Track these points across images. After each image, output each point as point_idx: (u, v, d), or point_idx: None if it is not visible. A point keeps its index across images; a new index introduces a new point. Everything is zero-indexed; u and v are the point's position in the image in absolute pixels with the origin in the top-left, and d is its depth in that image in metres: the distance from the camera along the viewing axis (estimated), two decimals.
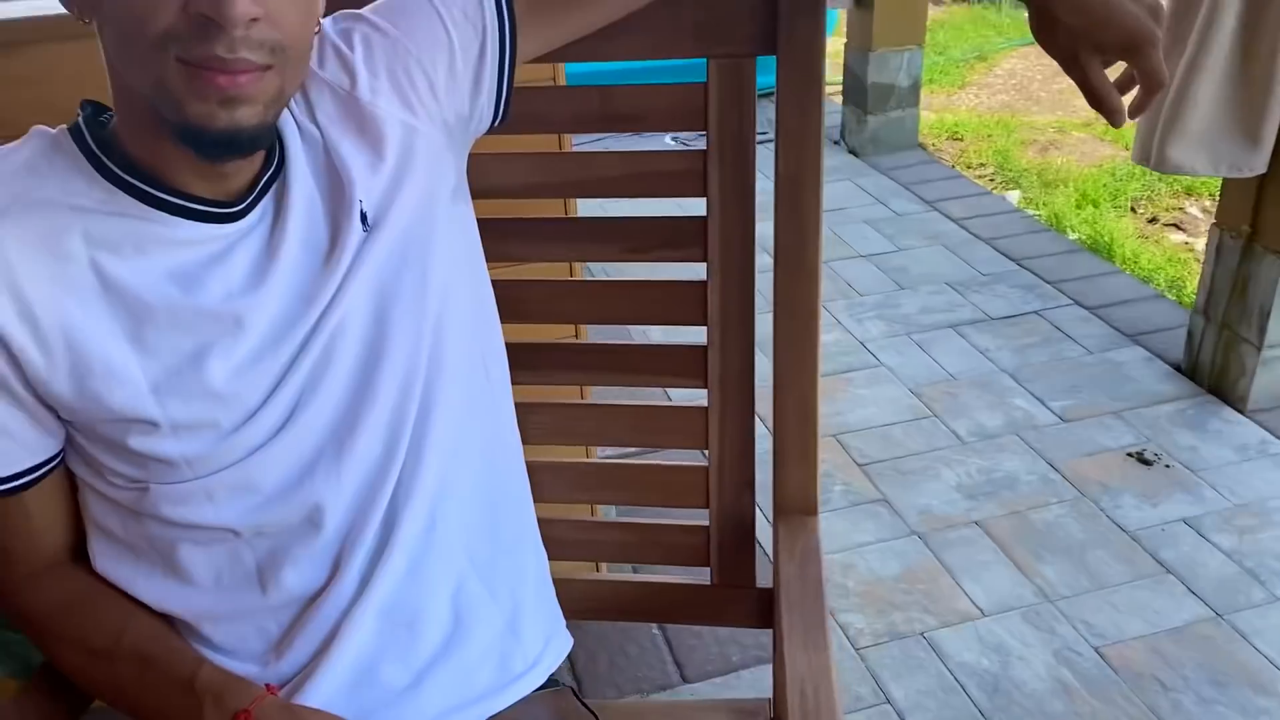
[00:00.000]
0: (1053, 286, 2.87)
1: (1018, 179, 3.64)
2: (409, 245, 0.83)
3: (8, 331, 0.72)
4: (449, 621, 0.88)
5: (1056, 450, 2.24)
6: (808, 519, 1.04)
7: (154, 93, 0.70)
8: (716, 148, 1.00)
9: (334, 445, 0.81)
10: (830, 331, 2.72)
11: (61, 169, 0.75)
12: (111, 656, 0.81)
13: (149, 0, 0.67)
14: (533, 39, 0.90)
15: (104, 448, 0.79)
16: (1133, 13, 0.82)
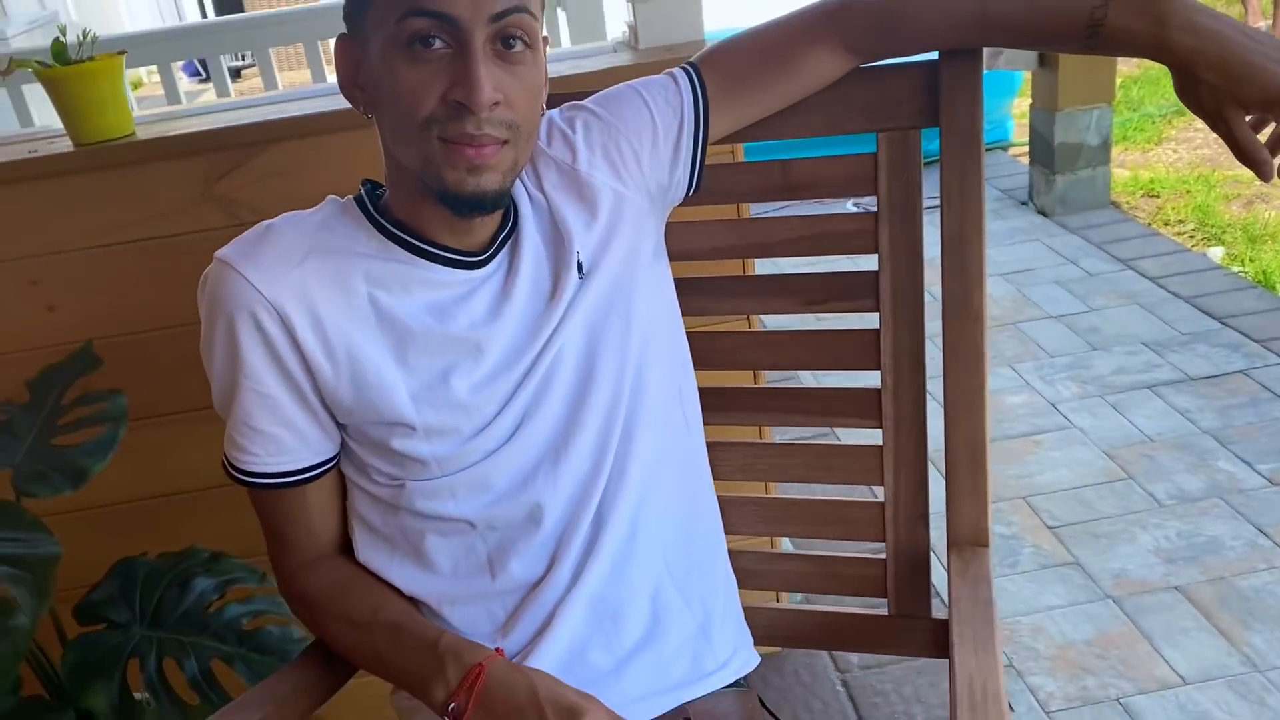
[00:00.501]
0: (1260, 345, 2.74)
1: (1220, 235, 3.49)
2: (616, 293, 0.99)
3: (308, 348, 0.91)
4: (648, 618, 1.00)
5: (1265, 514, 2.13)
6: (979, 550, 1.10)
7: (420, 165, 0.88)
8: (886, 209, 1.10)
9: (552, 455, 0.96)
10: (1019, 393, 2.68)
11: (349, 226, 0.95)
12: (370, 627, 0.96)
13: (417, 92, 0.85)
14: (722, 120, 1.04)
15: (371, 449, 0.97)
16: (1272, 70, 0.87)
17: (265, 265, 0.90)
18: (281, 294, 0.89)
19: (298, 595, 1.03)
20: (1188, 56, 0.90)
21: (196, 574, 1.35)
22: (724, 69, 1.04)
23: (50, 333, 1.56)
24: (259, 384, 0.92)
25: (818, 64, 1.03)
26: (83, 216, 1.53)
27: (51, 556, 1.18)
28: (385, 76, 0.86)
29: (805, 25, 1.03)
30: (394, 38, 0.84)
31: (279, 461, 0.96)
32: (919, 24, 1.00)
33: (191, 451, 1.62)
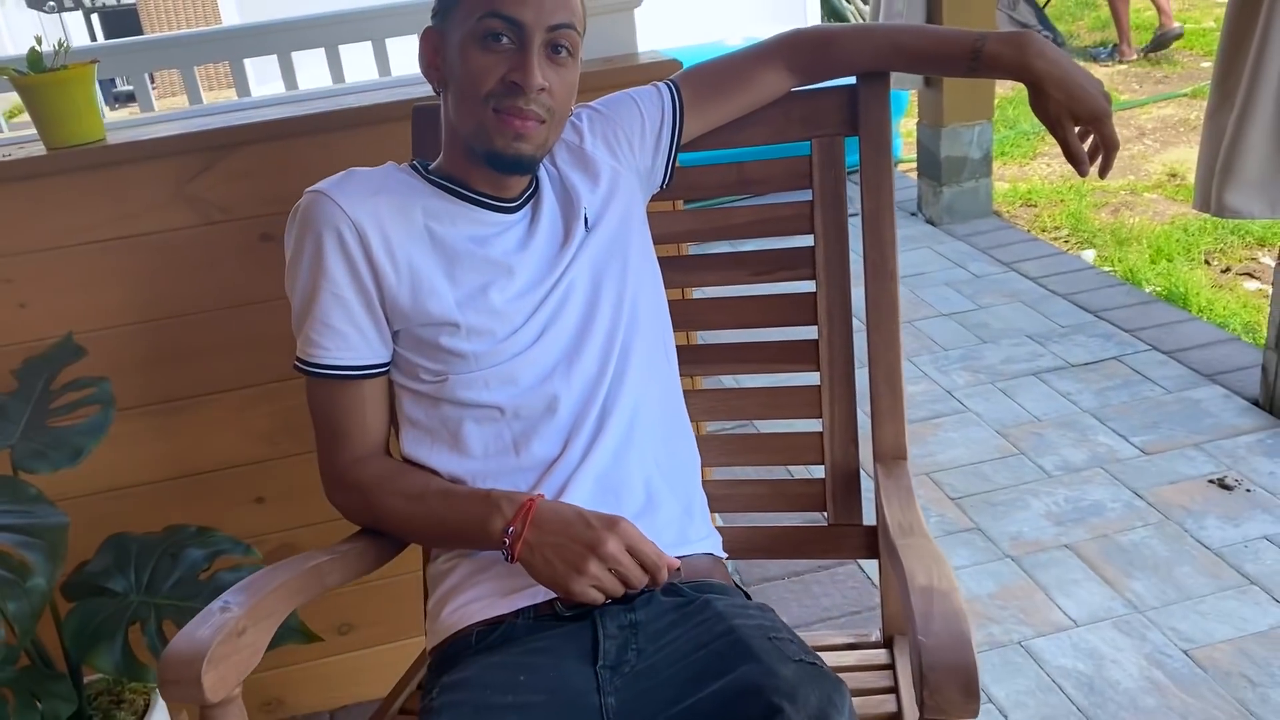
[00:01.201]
0: (1130, 334, 3.02)
1: (1092, 239, 3.81)
2: (615, 244, 1.24)
3: (378, 260, 1.13)
4: (643, 497, 1.19)
5: (1140, 480, 2.38)
6: (900, 461, 1.34)
7: (474, 131, 1.13)
8: (819, 198, 1.40)
9: (566, 360, 1.19)
10: (918, 383, 2.90)
11: (406, 178, 1.21)
12: (424, 497, 1.15)
13: (485, 72, 1.10)
14: (694, 122, 1.34)
15: (420, 350, 1.17)
16: (1096, 95, 1.23)
17: (350, 194, 1.14)
18: (362, 215, 1.13)
19: (352, 483, 1.19)
20: (1042, 76, 1.23)
21: (186, 546, 1.44)
22: (696, 83, 1.33)
23: (22, 329, 1.62)
24: (337, 287, 1.13)
25: (768, 82, 1.34)
26: (55, 217, 1.60)
27: (60, 525, 1.26)
28: (460, 59, 1.11)
29: (760, 52, 1.34)
30: (473, 31, 1.10)
31: (347, 356, 1.15)
32: (848, 53, 1.32)
33: (170, 440, 1.70)
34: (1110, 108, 1.24)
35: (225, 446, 1.74)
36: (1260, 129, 2.25)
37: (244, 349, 1.70)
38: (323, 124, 1.63)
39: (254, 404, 1.73)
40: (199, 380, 1.69)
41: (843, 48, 1.32)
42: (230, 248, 1.66)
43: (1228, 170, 2.30)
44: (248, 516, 1.78)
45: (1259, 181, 2.28)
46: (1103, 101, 1.24)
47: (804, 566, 2.23)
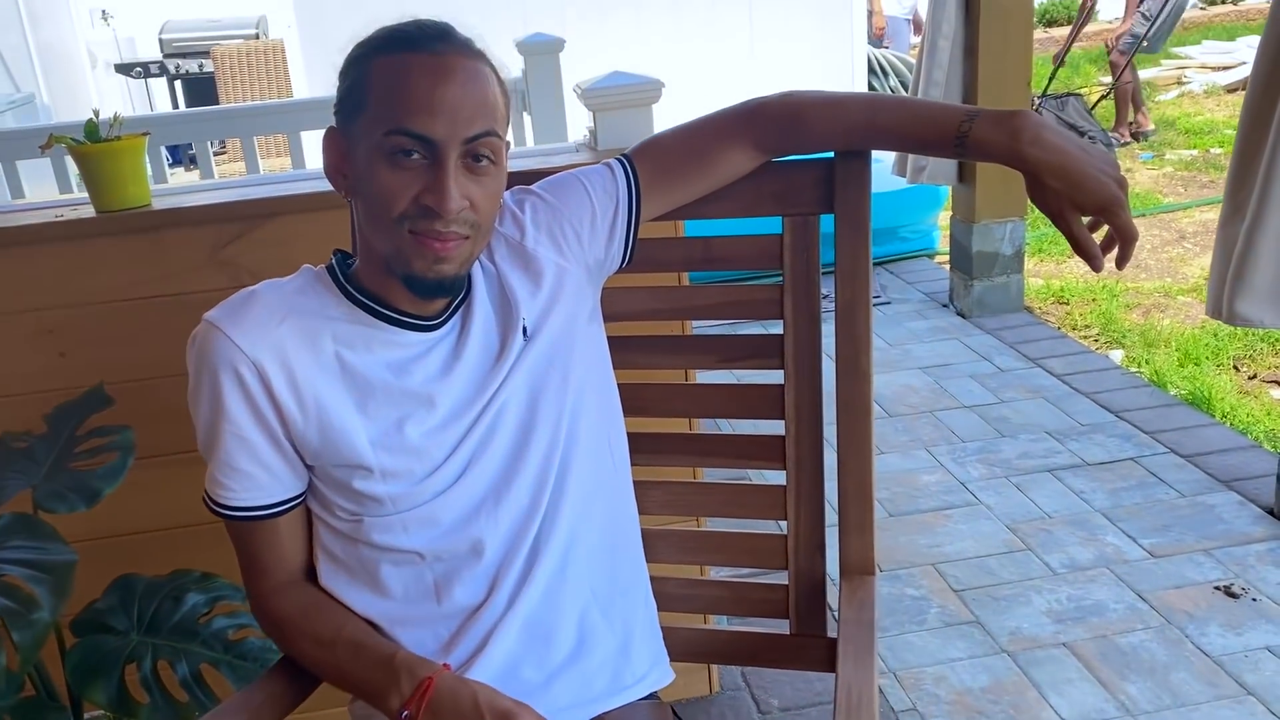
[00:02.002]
0: (1150, 436, 3.02)
1: (1121, 339, 3.82)
2: (556, 352, 1.15)
3: (282, 399, 1.06)
4: (575, 639, 1.15)
5: (1145, 582, 2.37)
6: (866, 578, 1.28)
7: (391, 252, 1.04)
8: (790, 281, 1.30)
9: (493, 495, 1.11)
10: (933, 472, 2.93)
11: (321, 292, 1.11)
12: (334, 645, 1.10)
13: (394, 192, 1.01)
14: (652, 205, 1.22)
15: (334, 488, 1.11)
16: (1102, 180, 1.07)
17: (247, 327, 1.05)
18: (260, 352, 1.05)
19: (270, 617, 1.15)
20: (1035, 165, 1.09)
21: (189, 590, 1.52)
22: (654, 162, 1.21)
23: (59, 376, 1.74)
24: (239, 429, 1.06)
25: (733, 160, 1.23)
26: (100, 275, 1.73)
27: (68, 562, 1.35)
28: (368, 174, 1.01)
29: (724, 126, 1.22)
30: (379, 146, 1.00)
31: (254, 496, 1.10)
32: (819, 129, 1.20)
33: (186, 489, 1.79)
34: (1122, 195, 1.08)
35: None
36: (1271, 239, 2.28)
37: None
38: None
39: None
40: None
41: (813, 124, 1.20)
42: None
43: (1239, 279, 2.33)
44: None
45: (1270, 291, 2.31)
46: (1113, 188, 1.07)
47: None
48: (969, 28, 3.76)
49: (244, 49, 6.84)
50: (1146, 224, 5.16)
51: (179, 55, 8.30)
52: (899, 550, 2.58)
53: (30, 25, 8.13)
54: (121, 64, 8.75)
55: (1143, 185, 5.76)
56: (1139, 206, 5.37)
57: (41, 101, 7.03)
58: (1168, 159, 6.22)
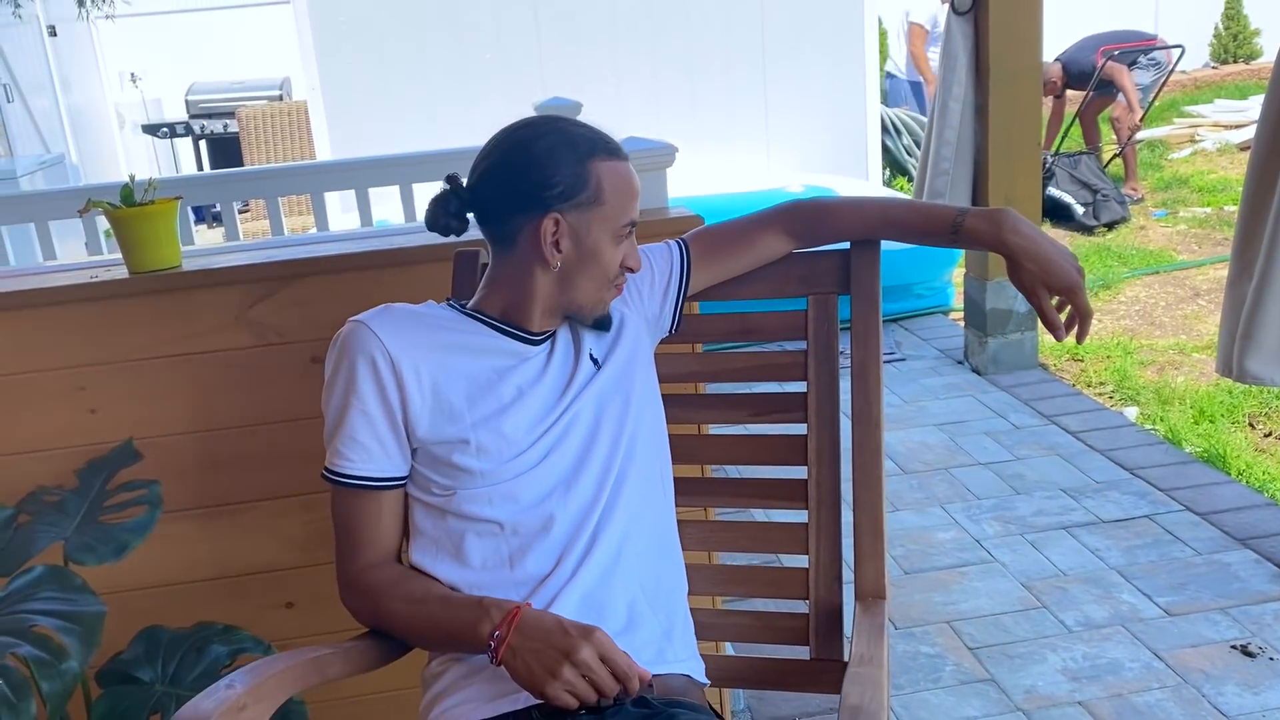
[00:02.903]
0: (1165, 494, 3.03)
1: (1136, 396, 3.83)
2: (619, 383, 1.38)
3: (407, 383, 1.28)
4: (625, 618, 1.30)
5: (1161, 641, 2.37)
6: (879, 600, 1.41)
7: (592, 302, 1.34)
8: (813, 348, 1.53)
9: (564, 483, 1.32)
10: (947, 530, 2.94)
11: (446, 312, 1.37)
12: (425, 601, 1.27)
13: (612, 259, 1.33)
14: (699, 276, 1.50)
15: (433, 466, 1.31)
16: (1068, 269, 1.37)
17: (386, 325, 1.30)
18: (396, 344, 1.28)
19: (364, 587, 1.31)
20: (1015, 250, 1.38)
21: (212, 642, 1.55)
22: (704, 243, 1.50)
23: (90, 432, 1.78)
24: (366, 405, 1.27)
25: (768, 245, 1.50)
26: (130, 334, 1.78)
27: (98, 614, 1.38)
28: (599, 249, 1.31)
29: (764, 219, 1.51)
30: (616, 232, 1.31)
31: (368, 468, 1.29)
32: (843, 223, 1.48)
33: (211, 542, 1.83)
34: (1081, 280, 1.37)
35: (261, 551, 1.86)
36: (1279, 297, 2.31)
37: (285, 461, 1.84)
38: (369, 262, 1.81)
39: (291, 513, 1.85)
40: (241, 488, 1.83)
41: (838, 219, 1.48)
42: (282, 368, 1.81)
43: (1248, 338, 2.35)
44: (277, 619, 1.89)
45: (1278, 349, 2.33)
46: (1074, 274, 1.37)
47: (815, 706, 2.25)
48: (979, 89, 3.83)
49: (268, 110, 7.00)
50: (1161, 281, 5.18)
51: (204, 116, 8.49)
52: (914, 608, 2.58)
53: (61, 89, 8.35)
54: (148, 125, 8.96)
55: (1156, 243, 5.80)
56: (1153, 264, 5.41)
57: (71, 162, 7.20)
58: (1181, 216, 6.26)
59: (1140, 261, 5.45)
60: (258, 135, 6.70)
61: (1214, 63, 10.44)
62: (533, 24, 5.91)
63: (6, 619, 1.35)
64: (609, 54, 5.99)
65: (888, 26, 8.24)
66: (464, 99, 5.75)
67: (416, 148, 3.29)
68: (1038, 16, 3.80)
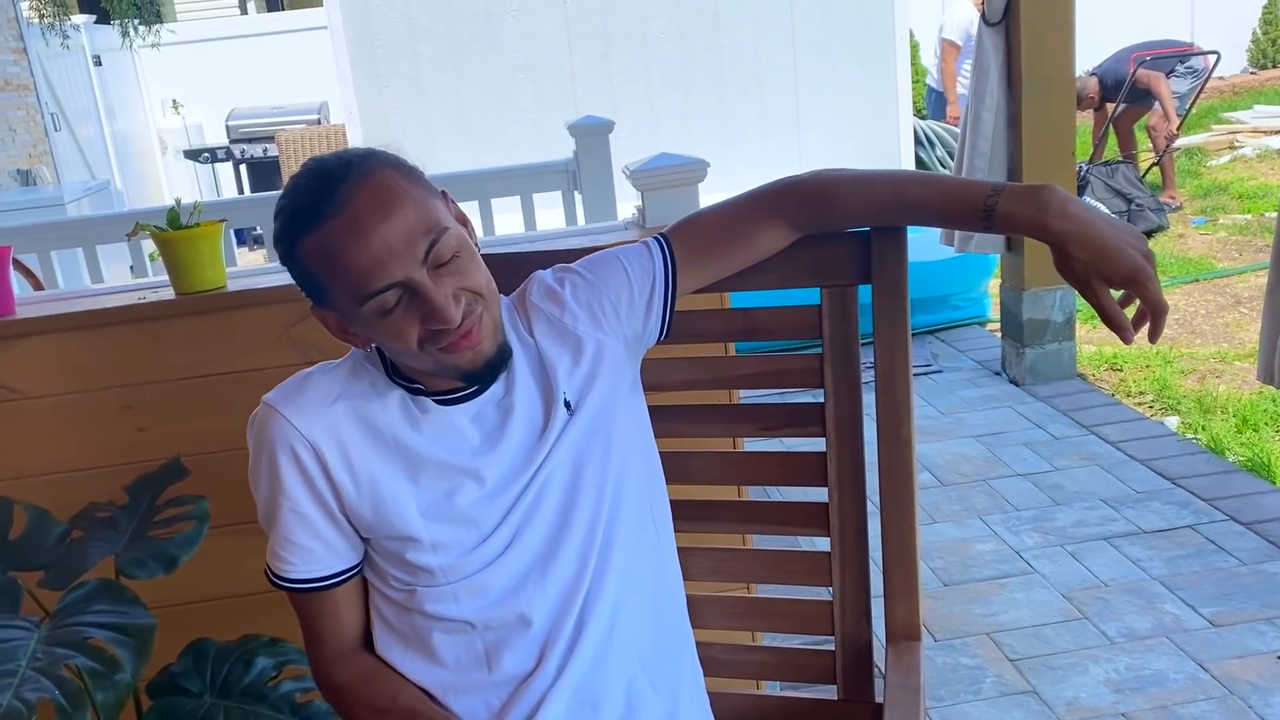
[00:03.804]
0: (1208, 503, 2.99)
1: (1176, 405, 3.79)
2: (598, 424, 1.19)
3: (336, 475, 1.13)
4: (623, 706, 1.17)
5: (1206, 652, 2.34)
6: (912, 643, 1.29)
7: (433, 368, 1.10)
8: (829, 351, 1.34)
9: (540, 566, 1.15)
10: (987, 542, 2.92)
11: (372, 374, 1.17)
12: (389, 713, 1.15)
13: (403, 333, 1.06)
14: (688, 281, 1.27)
15: (388, 559, 1.17)
16: (1130, 253, 1.10)
17: (303, 408, 1.13)
18: (316, 431, 1.12)
19: (329, 685, 1.21)
20: (1062, 237, 1.11)
21: (258, 654, 1.57)
22: (690, 240, 1.26)
23: (138, 450, 1.83)
24: (297, 505, 1.13)
25: (765, 238, 1.27)
26: (177, 353, 1.83)
27: (149, 626, 1.41)
28: (372, 331, 1.08)
29: (757, 205, 1.26)
30: (365, 313, 1.06)
31: (311, 569, 1.16)
32: (847, 206, 1.24)
33: (256, 556, 1.86)
34: (1150, 266, 1.10)
35: None
36: None
37: None
38: None
39: None
40: None
41: (843, 201, 1.24)
42: None
43: None
44: None
45: None
46: (1138, 259, 1.09)
47: None
48: (1012, 100, 3.83)
49: (306, 134, 7.12)
50: (1201, 289, 5.13)
51: (245, 140, 8.64)
52: (953, 619, 2.57)
53: (106, 117, 8.53)
54: (190, 150, 9.13)
55: (1196, 250, 5.74)
56: (1192, 272, 5.35)
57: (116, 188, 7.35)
58: (1221, 224, 6.19)
59: (1179, 270, 5.40)
60: (297, 159, 6.81)
61: (1252, 68, 10.32)
62: (565, 44, 5.97)
63: (62, 631, 1.39)
64: (641, 72, 6.04)
65: (920, 39, 8.25)
66: (497, 119, 5.83)
67: (450, 168, 3.33)
68: (1070, 26, 3.79)
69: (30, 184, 6.81)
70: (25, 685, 1.28)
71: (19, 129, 7.13)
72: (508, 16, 5.91)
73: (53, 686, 1.28)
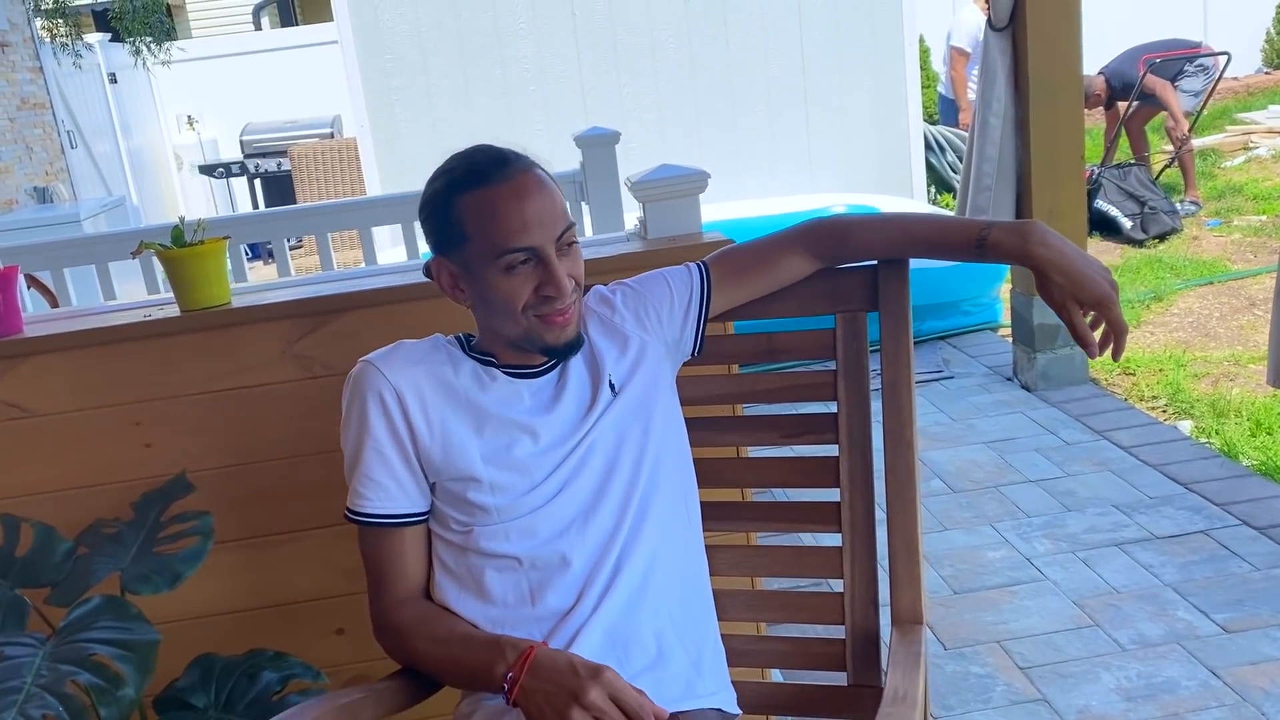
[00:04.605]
0: (1221, 508, 2.97)
1: (1190, 409, 3.77)
2: (639, 408, 1.37)
3: (414, 419, 1.31)
4: (653, 651, 1.31)
5: (1218, 658, 2.32)
6: (915, 626, 1.39)
7: (520, 335, 1.31)
8: (842, 368, 1.50)
9: (583, 516, 1.32)
10: (997, 549, 2.91)
11: (450, 349, 1.39)
12: (448, 641, 1.30)
13: (516, 292, 1.28)
14: (720, 300, 1.48)
15: (450, 502, 1.33)
16: (1099, 281, 1.32)
17: (393, 364, 1.33)
18: (402, 382, 1.31)
19: (392, 625, 1.34)
20: (1043, 263, 1.33)
21: (263, 669, 1.59)
22: (725, 266, 1.48)
23: (145, 466, 1.84)
24: (379, 444, 1.31)
25: (790, 266, 1.48)
26: (182, 370, 1.84)
27: (152, 642, 1.43)
28: (489, 287, 1.28)
29: (784, 239, 1.48)
30: (495, 267, 1.27)
31: (387, 505, 1.32)
32: (865, 242, 1.46)
33: (261, 571, 1.88)
34: (1114, 294, 1.31)
35: (310, 579, 1.91)
36: None
37: (333, 490, 1.86)
38: (410, 294, 1.85)
39: (339, 542, 1.89)
40: (290, 517, 1.88)
41: (859, 238, 1.46)
42: (328, 400, 1.84)
43: None
44: (328, 646, 1.93)
45: None
46: (1105, 287, 1.31)
47: None
48: (1019, 104, 3.82)
49: (319, 148, 7.16)
50: (1215, 291, 5.09)
51: (259, 155, 8.71)
52: (964, 628, 2.56)
53: (122, 133, 8.62)
54: (205, 165, 9.20)
55: (1210, 253, 5.70)
56: (1206, 274, 5.31)
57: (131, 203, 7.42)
58: (1235, 225, 6.15)
59: (1193, 272, 5.36)
60: (310, 173, 6.86)
61: (1266, 68, 10.26)
62: (574, 56, 5.99)
63: (67, 648, 1.40)
64: (650, 82, 6.05)
65: (930, 45, 8.23)
66: (508, 132, 5.84)
67: None
68: (1077, 29, 3.78)
69: (47, 201, 6.88)
70: (30, 702, 1.30)
71: (35, 147, 7.21)
72: (517, 30, 5.93)
73: (56, 703, 1.30)
